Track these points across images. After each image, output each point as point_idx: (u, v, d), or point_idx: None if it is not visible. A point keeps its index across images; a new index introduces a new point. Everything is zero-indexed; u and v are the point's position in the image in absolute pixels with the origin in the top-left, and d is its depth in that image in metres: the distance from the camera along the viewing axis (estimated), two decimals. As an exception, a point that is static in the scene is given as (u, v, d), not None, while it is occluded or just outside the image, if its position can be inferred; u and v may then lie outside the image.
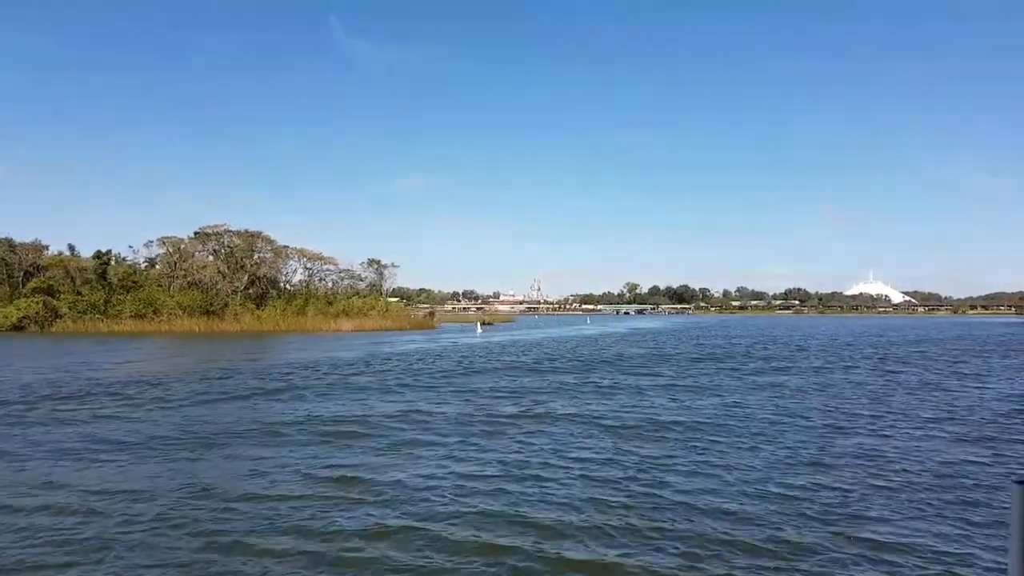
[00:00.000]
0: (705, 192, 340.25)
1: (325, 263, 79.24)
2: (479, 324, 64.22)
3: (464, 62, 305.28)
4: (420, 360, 25.45)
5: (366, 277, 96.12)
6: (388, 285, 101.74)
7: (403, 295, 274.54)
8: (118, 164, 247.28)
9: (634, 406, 13.93)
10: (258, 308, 68.49)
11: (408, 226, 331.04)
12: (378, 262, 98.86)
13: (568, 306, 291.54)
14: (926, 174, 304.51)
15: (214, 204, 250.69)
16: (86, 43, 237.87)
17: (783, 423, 12.20)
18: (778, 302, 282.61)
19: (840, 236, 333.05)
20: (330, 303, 73.35)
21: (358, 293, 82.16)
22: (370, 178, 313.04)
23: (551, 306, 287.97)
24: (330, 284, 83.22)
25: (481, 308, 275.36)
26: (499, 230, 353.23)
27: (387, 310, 74.27)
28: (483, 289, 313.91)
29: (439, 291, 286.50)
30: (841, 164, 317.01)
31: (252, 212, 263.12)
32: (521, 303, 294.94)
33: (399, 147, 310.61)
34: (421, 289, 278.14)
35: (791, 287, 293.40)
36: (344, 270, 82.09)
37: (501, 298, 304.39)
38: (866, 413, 13.34)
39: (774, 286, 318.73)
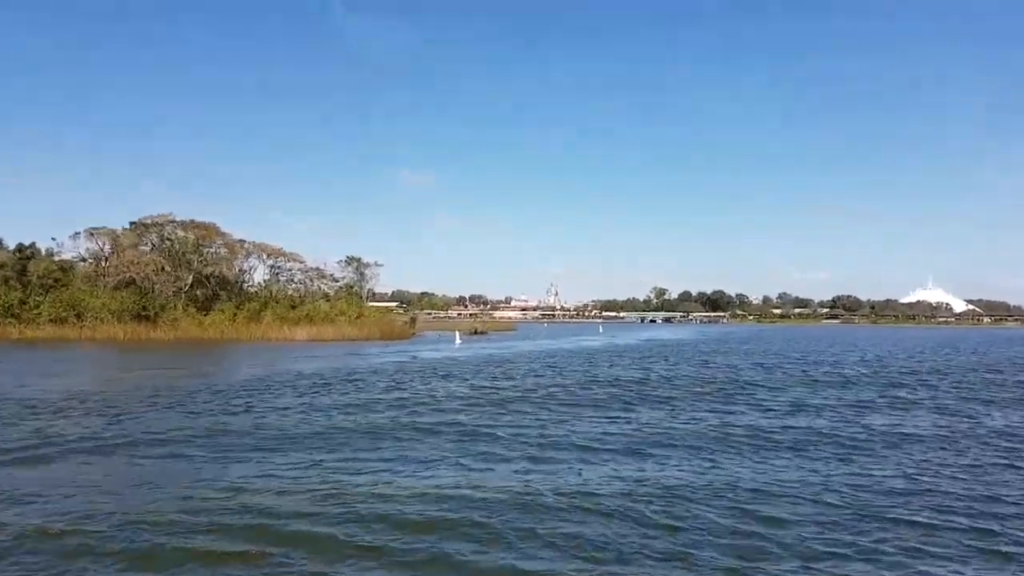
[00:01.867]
0: (743, 191, 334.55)
1: (288, 260, 74.28)
2: (458, 334, 59.10)
3: (472, 54, 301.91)
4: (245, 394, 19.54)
5: (344, 277, 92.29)
6: (370, 286, 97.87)
7: (403, 299, 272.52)
8: (99, 156, 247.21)
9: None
10: (203, 312, 63.89)
11: (412, 225, 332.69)
12: (358, 260, 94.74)
13: (587, 313, 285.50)
14: (988, 172, 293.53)
15: (204, 199, 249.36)
16: (68, 33, 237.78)
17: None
18: (824, 310, 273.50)
19: (895, 238, 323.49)
20: (293, 307, 68.64)
21: (327, 295, 77.29)
22: (370, 174, 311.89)
23: (568, 313, 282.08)
24: (300, 285, 78.38)
25: (490, 314, 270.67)
26: (514, 230, 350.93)
27: (359, 316, 69.20)
28: (496, 294, 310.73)
29: (443, 295, 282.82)
30: (895, 161, 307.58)
31: (246, 209, 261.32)
32: (535, 309, 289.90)
33: (402, 140, 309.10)
34: (423, 293, 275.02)
35: (839, 294, 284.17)
36: (313, 269, 77.14)
37: (513, 303, 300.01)
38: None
39: (820, 293, 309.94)
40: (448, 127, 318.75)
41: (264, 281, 74.06)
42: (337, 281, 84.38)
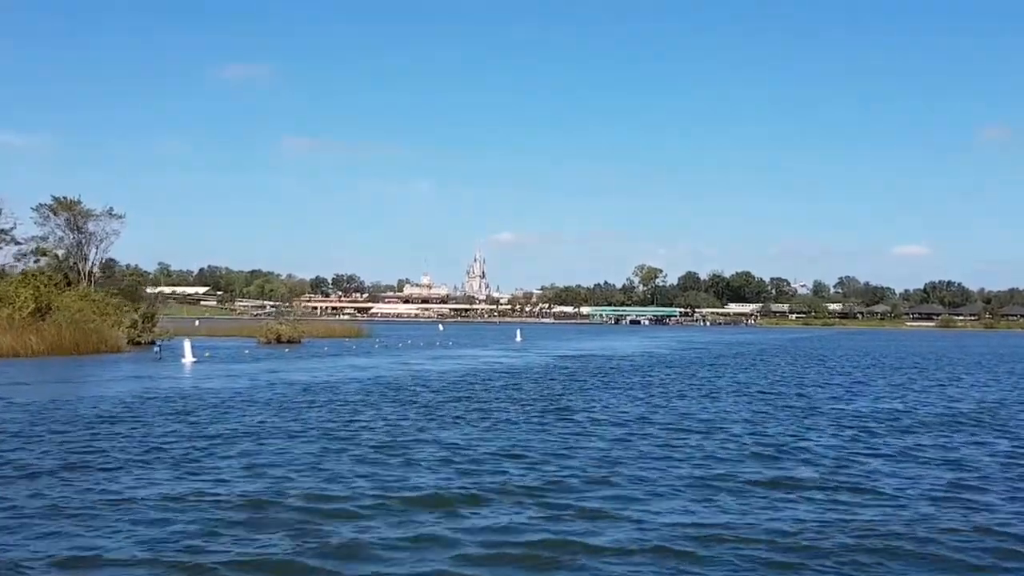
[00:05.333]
0: (783, 126, 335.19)
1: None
2: (189, 346, 49.54)
3: None
4: None
5: (46, 236, 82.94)
6: (100, 253, 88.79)
7: (216, 282, 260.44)
8: None
9: None
10: None
11: (239, 154, 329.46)
12: (73, 206, 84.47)
13: (530, 307, 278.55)
14: None
15: None
16: None
17: None
18: (912, 306, 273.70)
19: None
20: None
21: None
22: (170, 66, 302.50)
23: (498, 307, 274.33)
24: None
25: (367, 307, 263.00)
26: (422, 169, 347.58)
27: (39, 309, 58.49)
28: (387, 276, 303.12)
29: (289, 276, 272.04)
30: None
31: None
32: (445, 300, 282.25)
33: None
34: (254, 272, 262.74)
35: (933, 280, 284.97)
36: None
37: (409, 290, 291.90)
38: None
39: (904, 277, 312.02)
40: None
41: None
42: (20, 243, 74.93)
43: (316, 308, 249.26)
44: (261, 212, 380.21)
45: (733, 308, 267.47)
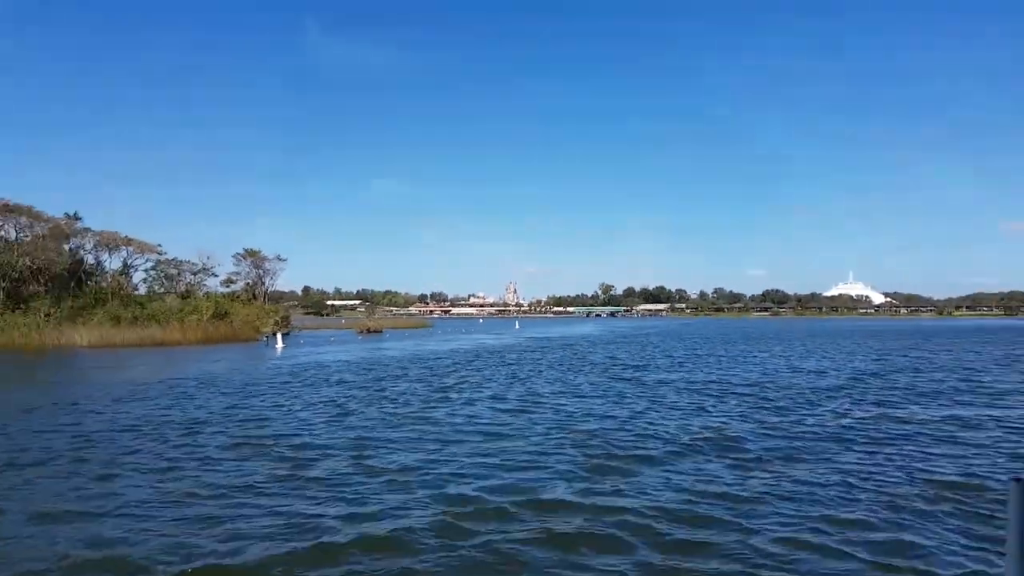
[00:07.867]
0: (687, 194, 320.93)
1: (140, 250, 55.68)
2: (280, 338, 42.29)
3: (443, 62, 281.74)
4: None
5: (241, 273, 76.05)
6: (270, 283, 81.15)
7: (365, 297, 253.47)
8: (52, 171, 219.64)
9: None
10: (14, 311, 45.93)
11: (385, 229, 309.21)
12: (255, 254, 77.40)
13: (540, 309, 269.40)
14: (903, 175, 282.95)
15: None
16: (33, 43, 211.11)
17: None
18: (755, 304, 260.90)
19: (818, 237, 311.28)
20: (142, 305, 51.07)
21: (185, 293, 59.50)
22: (344, 182, 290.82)
23: (521, 309, 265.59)
24: (164, 280, 60.77)
25: (448, 311, 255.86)
26: (478, 232, 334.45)
27: (219, 314, 51.77)
28: (463, 292, 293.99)
29: (406, 293, 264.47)
30: (815, 166, 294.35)
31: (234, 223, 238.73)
32: (492, 306, 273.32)
33: (373, 148, 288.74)
34: (387, 291, 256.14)
35: (769, 288, 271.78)
36: (172, 260, 58.97)
37: (472, 300, 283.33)
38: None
39: (752, 287, 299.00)
40: (417, 137, 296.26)
41: (113, 274, 55.96)
42: (216, 275, 67.74)
43: (420, 311, 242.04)
44: (389, 248, 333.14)
45: (653, 307, 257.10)
